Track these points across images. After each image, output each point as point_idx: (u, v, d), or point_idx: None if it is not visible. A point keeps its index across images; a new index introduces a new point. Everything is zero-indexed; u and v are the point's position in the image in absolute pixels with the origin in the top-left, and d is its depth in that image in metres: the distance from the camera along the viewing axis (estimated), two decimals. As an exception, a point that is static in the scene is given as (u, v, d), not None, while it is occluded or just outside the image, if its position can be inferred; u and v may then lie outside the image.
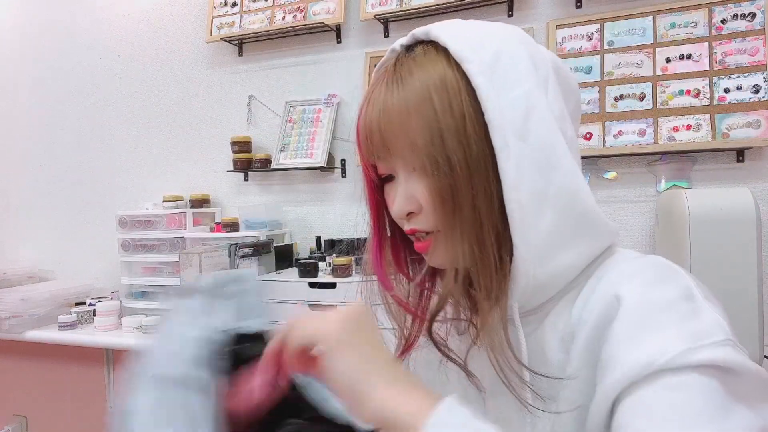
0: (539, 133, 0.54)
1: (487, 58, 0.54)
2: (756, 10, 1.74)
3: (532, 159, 0.53)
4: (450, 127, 0.52)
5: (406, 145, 0.54)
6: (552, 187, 0.54)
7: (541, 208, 0.53)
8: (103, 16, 2.74)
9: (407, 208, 0.57)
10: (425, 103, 0.53)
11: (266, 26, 2.32)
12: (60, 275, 2.81)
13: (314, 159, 2.23)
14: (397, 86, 0.54)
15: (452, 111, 0.52)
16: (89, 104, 2.77)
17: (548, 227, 0.54)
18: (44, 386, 2.37)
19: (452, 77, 0.53)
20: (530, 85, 0.55)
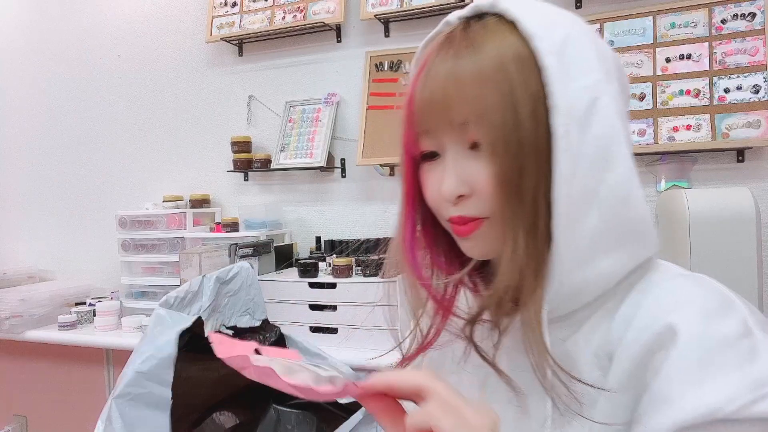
0: (600, 127, 0.51)
1: (557, 39, 0.50)
2: (756, 10, 1.74)
3: (589, 154, 0.50)
4: (525, 104, 0.49)
5: (475, 115, 0.50)
6: (604, 187, 0.51)
7: (588, 207, 0.50)
8: (104, 16, 2.74)
9: (460, 189, 0.52)
10: (501, 73, 0.49)
11: (266, 26, 2.32)
12: (60, 275, 2.80)
13: (314, 159, 2.23)
14: (470, 53, 0.50)
15: (527, 87, 0.49)
16: (89, 104, 2.77)
17: (592, 228, 0.51)
18: (44, 386, 2.37)
19: (525, 52, 0.50)
20: (597, 76, 0.51)
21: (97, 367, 2.27)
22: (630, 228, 0.52)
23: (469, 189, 0.52)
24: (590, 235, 0.50)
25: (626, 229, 0.52)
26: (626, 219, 0.52)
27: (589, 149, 0.50)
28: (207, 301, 0.59)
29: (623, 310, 0.52)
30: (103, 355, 2.26)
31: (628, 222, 0.52)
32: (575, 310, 0.54)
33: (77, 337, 2.19)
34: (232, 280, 0.60)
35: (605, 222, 0.51)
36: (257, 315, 0.57)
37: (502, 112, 0.49)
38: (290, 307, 1.84)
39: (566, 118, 0.49)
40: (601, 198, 0.50)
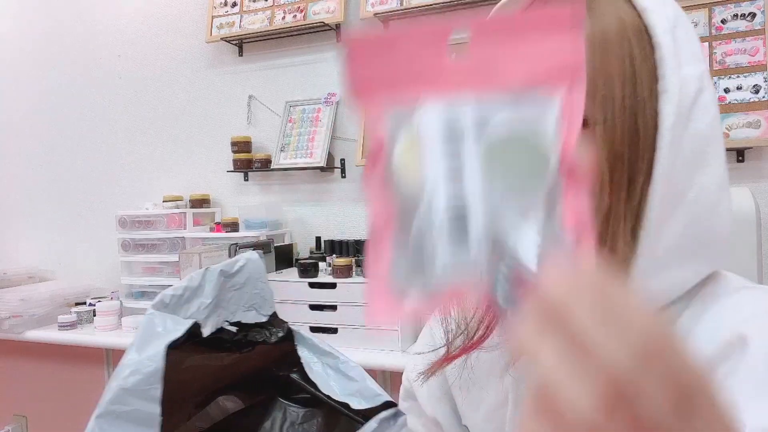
0: (701, 124, 0.45)
1: (670, 16, 0.45)
2: (756, 10, 1.74)
3: (686, 151, 0.45)
4: (645, 82, 0.44)
5: (590, 86, 0.43)
6: (693, 190, 0.46)
7: (674, 210, 0.45)
8: (104, 16, 2.74)
9: None
10: (625, 42, 0.44)
11: (266, 26, 2.32)
12: (60, 275, 2.80)
13: (314, 159, 2.23)
14: (589, 15, 0.44)
15: (646, 62, 0.43)
16: (89, 104, 2.77)
17: (675, 235, 0.46)
18: (44, 386, 2.37)
19: (641, 25, 0.44)
20: (702, 66, 0.46)
21: (97, 367, 2.27)
22: (711, 239, 0.48)
23: None
24: (672, 242, 0.46)
25: (707, 239, 0.47)
26: (709, 229, 0.47)
27: (687, 146, 0.45)
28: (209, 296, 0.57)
29: (682, 321, 0.48)
30: (103, 355, 2.26)
31: (710, 232, 0.47)
32: None
33: (77, 337, 2.19)
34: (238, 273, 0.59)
35: (689, 229, 0.46)
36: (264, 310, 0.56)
37: (622, 85, 0.44)
38: (290, 307, 1.84)
39: (676, 107, 0.44)
40: (689, 202, 0.46)
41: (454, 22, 0.30)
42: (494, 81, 0.29)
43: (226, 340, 0.58)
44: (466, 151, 0.27)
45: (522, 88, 0.29)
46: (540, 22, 0.28)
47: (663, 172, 0.44)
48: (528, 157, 0.28)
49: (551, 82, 0.28)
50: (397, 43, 0.30)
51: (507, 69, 0.29)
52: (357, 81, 0.30)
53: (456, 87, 0.29)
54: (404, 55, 0.30)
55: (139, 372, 0.47)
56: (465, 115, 0.28)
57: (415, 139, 0.28)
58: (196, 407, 0.53)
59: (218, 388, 0.56)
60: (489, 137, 0.28)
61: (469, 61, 0.30)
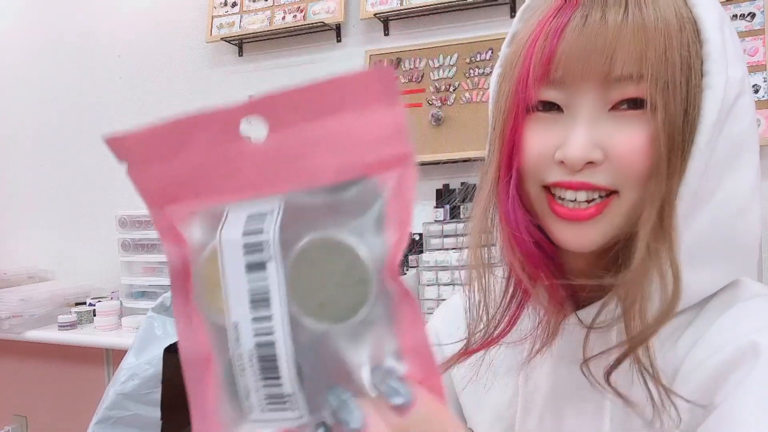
0: (738, 127, 0.45)
1: (718, 13, 0.45)
2: (756, 10, 1.74)
3: (720, 152, 0.44)
4: (698, 74, 0.43)
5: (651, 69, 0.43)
6: (722, 192, 0.45)
7: (701, 209, 0.45)
8: (103, 16, 2.74)
9: (592, 154, 0.44)
10: (683, 31, 0.43)
11: (266, 26, 2.32)
12: (60, 275, 2.80)
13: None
14: (651, 6, 0.43)
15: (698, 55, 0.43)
16: (89, 104, 2.77)
17: (699, 233, 0.45)
18: (44, 386, 2.37)
19: (691, 17, 0.44)
20: (744, 69, 0.46)
21: (97, 367, 2.27)
22: (737, 244, 0.47)
23: (602, 155, 0.44)
24: (695, 240, 0.45)
25: (733, 244, 0.47)
26: (736, 234, 0.46)
27: (722, 146, 0.45)
28: None
29: (695, 325, 0.47)
30: (103, 355, 2.26)
31: (736, 237, 0.46)
32: None
33: (77, 337, 2.18)
34: None
35: (714, 230, 0.45)
36: None
37: (681, 72, 0.43)
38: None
39: (719, 105, 0.43)
40: (716, 203, 0.45)
41: (246, 104, 0.24)
42: (301, 174, 0.24)
43: None
44: (273, 270, 0.23)
45: (336, 182, 0.23)
46: (351, 91, 0.23)
47: (697, 169, 0.43)
48: (345, 272, 0.23)
49: (372, 172, 0.23)
50: (181, 134, 0.25)
51: (315, 158, 0.23)
52: (148, 191, 0.26)
53: (260, 183, 0.24)
54: (194, 149, 0.25)
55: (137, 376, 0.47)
56: (269, 224, 0.23)
57: (216, 258, 0.24)
58: None
59: None
60: (298, 251, 0.23)
61: (270, 150, 0.24)
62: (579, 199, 0.45)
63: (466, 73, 2.03)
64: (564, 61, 0.45)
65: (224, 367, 0.24)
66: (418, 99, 2.09)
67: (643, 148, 0.44)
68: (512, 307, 0.52)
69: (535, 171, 0.47)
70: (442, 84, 2.06)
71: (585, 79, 0.44)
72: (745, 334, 0.43)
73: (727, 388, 0.41)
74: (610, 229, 0.46)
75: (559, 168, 0.46)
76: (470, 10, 2.06)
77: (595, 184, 0.45)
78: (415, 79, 2.10)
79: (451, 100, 2.04)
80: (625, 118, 0.44)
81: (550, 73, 0.45)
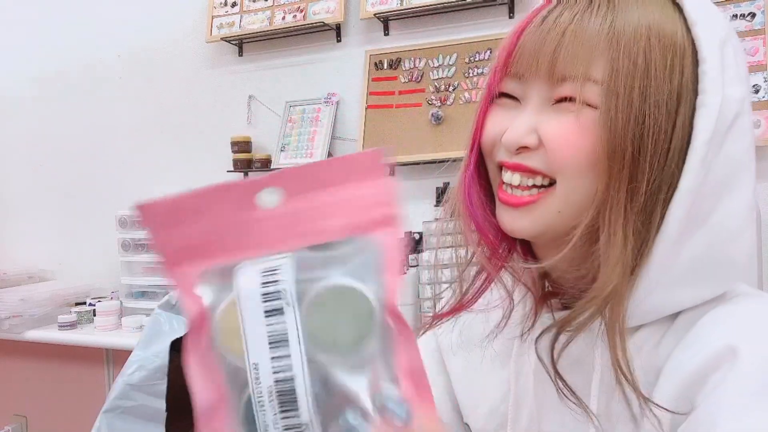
0: (735, 148, 0.45)
1: (719, 34, 0.45)
2: (756, 10, 1.74)
3: (716, 173, 0.45)
4: (661, 89, 0.44)
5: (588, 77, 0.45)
6: (717, 214, 0.45)
7: (696, 230, 0.45)
8: (104, 16, 2.74)
9: (526, 139, 0.47)
10: (639, 44, 0.44)
11: (266, 26, 2.32)
12: (60, 275, 2.80)
13: (314, 159, 2.23)
14: (606, 10, 0.45)
15: (671, 72, 0.44)
16: (89, 104, 2.77)
17: (692, 256, 0.45)
18: (44, 386, 2.37)
19: (682, 34, 0.45)
20: (745, 90, 0.46)
21: (97, 367, 2.27)
22: (727, 265, 0.47)
23: (536, 140, 0.47)
24: (687, 263, 0.45)
25: (723, 265, 0.47)
26: (728, 255, 0.47)
27: (718, 167, 0.45)
28: None
29: (677, 324, 0.48)
30: (103, 355, 2.27)
31: (728, 259, 0.47)
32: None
33: (77, 337, 2.19)
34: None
35: (708, 252, 0.46)
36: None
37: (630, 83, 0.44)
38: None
39: (714, 124, 0.44)
40: (710, 225, 0.45)
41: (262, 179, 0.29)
42: (312, 232, 0.28)
43: None
44: (289, 313, 0.26)
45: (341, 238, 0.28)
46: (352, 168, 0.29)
47: (690, 187, 0.44)
48: (353, 311, 0.27)
49: (369, 229, 0.28)
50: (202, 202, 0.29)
51: (324, 219, 0.28)
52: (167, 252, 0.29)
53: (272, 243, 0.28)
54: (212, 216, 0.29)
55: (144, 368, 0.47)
56: (284, 275, 0.27)
57: (235, 307, 0.27)
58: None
59: None
60: (311, 295, 0.27)
61: (283, 214, 0.29)
62: (514, 183, 0.48)
63: (466, 73, 2.03)
64: (518, 56, 0.49)
65: (242, 405, 0.27)
66: (418, 99, 2.09)
67: (572, 138, 0.45)
68: (476, 284, 0.55)
69: (490, 152, 0.51)
70: (441, 84, 2.06)
71: (535, 74, 0.48)
72: (722, 336, 0.43)
73: (706, 390, 0.42)
74: (543, 219, 0.48)
75: (504, 150, 0.49)
76: (470, 10, 2.06)
77: (530, 166, 0.47)
78: (415, 79, 2.10)
79: (450, 99, 2.04)
80: (562, 109, 0.47)
81: (509, 67, 0.50)
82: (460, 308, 0.55)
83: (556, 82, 0.47)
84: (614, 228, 0.44)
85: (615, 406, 0.46)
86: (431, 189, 1.98)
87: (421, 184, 2.07)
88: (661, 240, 0.44)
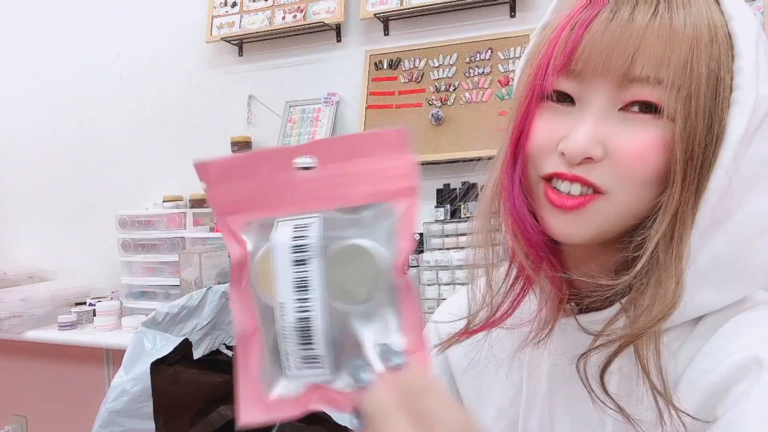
0: (762, 147, 0.44)
1: (754, 29, 0.44)
2: (756, 11, 1.74)
3: (744, 171, 0.44)
4: (726, 87, 0.43)
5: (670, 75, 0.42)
6: (741, 212, 0.45)
7: (719, 227, 0.44)
8: (104, 16, 2.74)
9: (594, 150, 0.44)
10: (714, 43, 0.43)
11: (266, 26, 2.32)
12: (60, 275, 2.80)
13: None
14: (683, 10, 0.43)
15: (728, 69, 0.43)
16: (89, 104, 2.77)
17: (715, 254, 0.45)
18: (44, 386, 2.37)
19: (726, 32, 0.44)
20: None
21: (97, 367, 2.27)
22: (749, 267, 0.46)
23: (602, 152, 0.44)
24: (711, 261, 0.45)
25: (745, 267, 0.46)
26: (751, 255, 0.46)
27: (747, 165, 0.44)
28: (207, 317, 0.56)
29: (696, 334, 0.47)
30: (103, 355, 2.27)
31: (750, 260, 0.46)
32: None
33: (77, 337, 2.19)
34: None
35: (730, 252, 0.45)
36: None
37: (706, 86, 0.42)
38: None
39: (747, 121, 0.43)
40: (734, 224, 0.45)
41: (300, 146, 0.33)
42: (340, 197, 0.33)
43: (222, 362, 0.58)
44: (313, 264, 0.31)
45: (364, 204, 0.33)
46: (377, 143, 0.33)
47: (720, 185, 0.43)
48: (366, 269, 0.32)
49: (389, 198, 0.33)
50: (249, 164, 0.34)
51: (351, 186, 0.33)
52: (218, 204, 0.34)
53: (306, 203, 0.33)
54: (257, 176, 0.33)
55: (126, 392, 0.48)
56: (313, 232, 0.32)
57: (269, 255, 0.32)
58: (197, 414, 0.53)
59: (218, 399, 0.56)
60: (332, 251, 0.32)
61: (317, 178, 0.33)
62: (573, 192, 0.45)
63: (466, 73, 2.03)
64: (586, 53, 0.44)
65: (270, 338, 0.32)
66: (418, 99, 2.09)
67: (646, 153, 0.43)
68: (515, 290, 0.52)
69: (537, 158, 0.47)
70: (442, 84, 2.06)
71: (603, 74, 0.44)
72: (747, 346, 0.42)
73: (729, 401, 0.41)
74: (595, 226, 0.46)
75: (560, 159, 0.46)
76: (470, 10, 2.06)
77: (589, 180, 0.44)
78: (415, 79, 2.10)
79: (451, 100, 2.04)
80: (634, 120, 0.44)
81: (570, 64, 0.45)
82: (494, 323, 0.52)
83: (627, 84, 0.44)
84: (683, 239, 0.43)
85: (632, 408, 0.45)
86: (431, 189, 1.98)
87: (421, 184, 2.07)
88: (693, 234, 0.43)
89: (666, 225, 0.43)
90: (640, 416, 0.44)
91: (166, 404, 0.48)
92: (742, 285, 0.47)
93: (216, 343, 0.56)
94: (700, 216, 0.43)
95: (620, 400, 0.45)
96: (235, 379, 0.33)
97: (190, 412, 0.52)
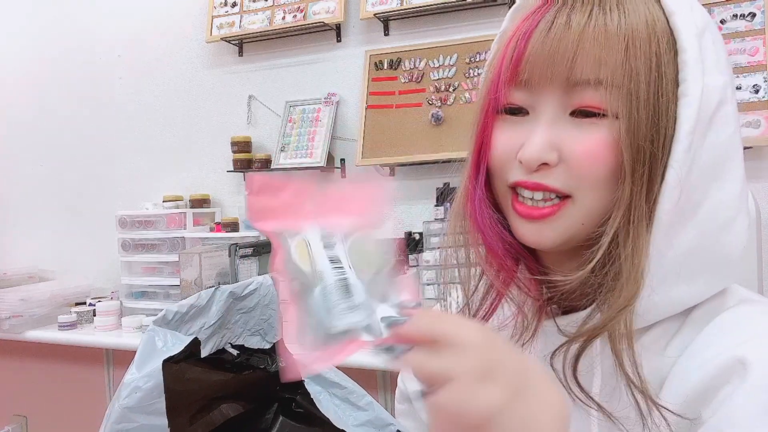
0: (720, 136, 0.45)
1: (698, 24, 0.45)
2: (756, 10, 1.74)
3: (702, 162, 0.45)
4: (669, 82, 0.44)
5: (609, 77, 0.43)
6: (707, 204, 0.45)
7: (685, 222, 0.45)
8: (104, 16, 2.74)
9: (548, 156, 0.45)
10: (652, 40, 0.44)
11: (266, 26, 2.32)
12: (60, 275, 2.80)
13: (314, 159, 2.23)
14: (616, 12, 0.44)
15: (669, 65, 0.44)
16: (89, 104, 2.77)
17: (685, 248, 0.45)
18: (44, 386, 2.37)
19: (667, 28, 0.45)
20: (726, 78, 0.46)
21: (97, 367, 2.27)
22: (722, 257, 0.47)
23: (556, 157, 0.45)
24: (681, 255, 0.45)
25: (717, 256, 0.47)
26: (721, 246, 0.46)
27: (704, 156, 0.45)
28: (214, 316, 0.58)
29: (681, 333, 0.47)
30: (103, 355, 2.27)
31: (721, 249, 0.47)
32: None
33: (77, 337, 2.18)
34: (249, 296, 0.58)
35: (700, 244, 0.45)
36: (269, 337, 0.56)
37: (647, 83, 0.43)
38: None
39: (696, 113, 0.43)
40: (701, 216, 0.45)
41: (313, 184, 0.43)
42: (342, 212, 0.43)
43: (227, 360, 0.59)
44: (338, 248, 0.41)
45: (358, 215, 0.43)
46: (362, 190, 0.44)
47: (676, 178, 0.44)
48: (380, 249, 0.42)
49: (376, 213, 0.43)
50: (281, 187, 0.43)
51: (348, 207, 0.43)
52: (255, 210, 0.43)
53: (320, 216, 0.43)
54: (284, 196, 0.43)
55: (139, 389, 0.48)
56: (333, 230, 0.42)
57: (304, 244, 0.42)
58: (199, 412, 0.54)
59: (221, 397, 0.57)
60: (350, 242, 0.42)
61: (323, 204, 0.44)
62: (536, 198, 0.47)
63: (466, 73, 2.03)
64: (530, 63, 0.46)
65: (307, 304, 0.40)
66: (418, 99, 2.09)
67: (599, 154, 0.44)
68: (487, 302, 0.53)
69: (501, 170, 0.49)
70: (442, 84, 2.06)
71: (548, 82, 0.46)
72: (731, 346, 0.43)
73: (716, 404, 0.41)
74: (566, 230, 0.47)
75: (520, 168, 0.47)
76: (470, 10, 2.06)
77: (549, 185, 0.46)
78: (415, 79, 2.10)
79: (451, 99, 2.04)
80: (584, 122, 0.45)
81: (518, 76, 0.47)
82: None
83: (572, 89, 0.45)
84: (639, 231, 0.44)
85: (615, 406, 0.46)
86: (431, 189, 1.98)
87: (421, 184, 2.07)
88: (654, 234, 0.44)
89: (619, 220, 0.44)
90: (623, 414, 0.45)
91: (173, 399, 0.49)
92: (718, 277, 0.48)
93: (222, 342, 0.57)
94: (661, 210, 0.44)
95: (598, 397, 0.46)
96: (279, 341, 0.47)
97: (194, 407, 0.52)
